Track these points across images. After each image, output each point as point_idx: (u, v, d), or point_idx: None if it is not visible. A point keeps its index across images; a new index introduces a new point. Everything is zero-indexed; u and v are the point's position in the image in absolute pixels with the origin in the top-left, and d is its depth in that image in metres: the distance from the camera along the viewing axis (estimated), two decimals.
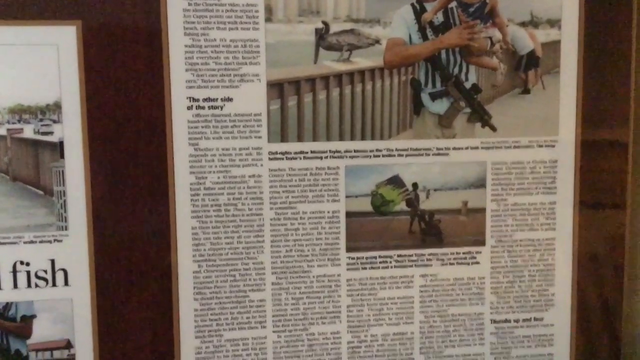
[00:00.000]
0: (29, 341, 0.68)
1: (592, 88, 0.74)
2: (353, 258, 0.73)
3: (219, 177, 0.69)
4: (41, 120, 0.66)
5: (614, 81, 0.74)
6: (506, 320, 0.76)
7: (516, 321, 0.76)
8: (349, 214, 0.72)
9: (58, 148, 0.66)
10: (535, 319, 0.76)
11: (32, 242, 0.67)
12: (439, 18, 0.71)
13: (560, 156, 0.75)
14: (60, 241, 0.67)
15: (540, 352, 0.77)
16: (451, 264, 0.75)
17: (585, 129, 0.74)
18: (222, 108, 0.69)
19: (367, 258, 0.73)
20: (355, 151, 0.72)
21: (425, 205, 0.74)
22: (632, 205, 0.76)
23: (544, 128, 0.74)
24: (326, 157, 0.71)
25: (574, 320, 0.77)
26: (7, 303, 0.67)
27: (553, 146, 0.75)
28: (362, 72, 0.71)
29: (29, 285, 0.67)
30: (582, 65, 0.73)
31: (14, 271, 0.67)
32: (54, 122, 0.66)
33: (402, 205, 0.73)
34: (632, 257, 0.78)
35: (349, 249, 0.73)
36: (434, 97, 0.72)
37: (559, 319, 0.77)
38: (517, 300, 0.76)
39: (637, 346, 0.80)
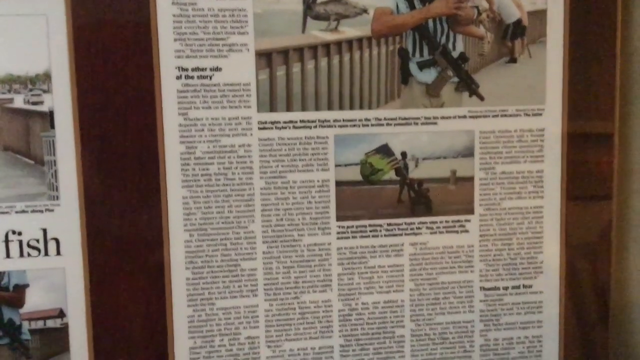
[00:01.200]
0: (21, 310, 0.68)
1: (578, 56, 0.74)
2: (343, 227, 0.74)
3: (209, 147, 0.70)
4: (31, 90, 0.66)
5: (599, 49, 0.75)
6: (495, 288, 0.77)
7: (505, 288, 0.77)
8: (338, 183, 0.73)
9: (48, 118, 0.67)
10: (524, 286, 0.77)
11: (23, 211, 0.67)
12: None
13: (547, 124, 0.75)
14: (51, 211, 0.68)
15: (529, 319, 0.78)
16: (440, 232, 0.75)
17: (572, 97, 0.75)
18: (211, 78, 0.69)
19: (357, 227, 0.74)
20: (344, 120, 0.72)
21: (414, 174, 0.74)
22: (619, 170, 0.77)
23: (531, 97, 0.75)
24: (315, 127, 0.72)
25: (563, 287, 0.78)
26: (0, 272, 0.68)
27: (540, 114, 0.75)
28: (350, 42, 0.72)
29: (22, 255, 0.68)
30: (567, 33, 0.74)
31: (7, 241, 0.67)
32: (44, 92, 0.66)
33: (391, 174, 0.74)
34: (620, 224, 0.79)
35: (339, 218, 0.73)
36: (421, 66, 0.73)
37: (548, 286, 0.78)
38: (506, 267, 0.77)
39: (625, 312, 0.81)
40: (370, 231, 0.74)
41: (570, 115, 0.75)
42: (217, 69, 0.69)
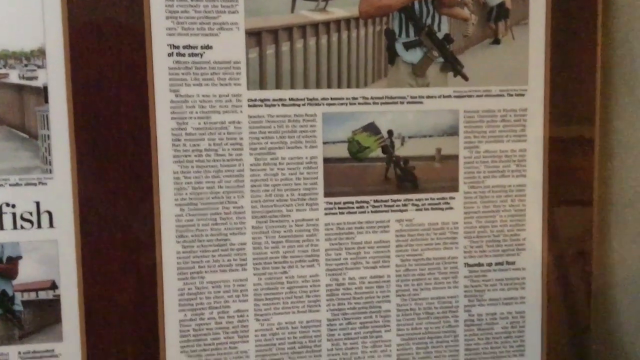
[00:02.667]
0: (14, 282, 0.70)
1: (560, 38, 0.77)
2: (331, 203, 0.75)
3: (199, 123, 0.72)
4: (26, 65, 0.68)
5: (581, 31, 0.77)
6: (479, 264, 0.79)
7: (489, 265, 0.79)
8: (326, 160, 0.75)
9: (42, 93, 0.68)
10: (507, 263, 0.79)
11: (17, 184, 0.69)
12: None
13: (529, 105, 0.77)
14: (45, 184, 0.69)
15: (512, 295, 0.80)
16: (426, 209, 0.77)
17: (554, 77, 0.77)
18: (201, 55, 0.71)
19: (344, 203, 0.76)
20: (332, 99, 0.74)
21: (400, 152, 0.76)
22: (601, 148, 0.79)
23: (514, 77, 0.77)
24: (304, 105, 0.74)
25: (545, 264, 0.79)
26: None
27: (523, 95, 0.77)
28: (338, 22, 0.74)
29: (15, 227, 0.69)
30: (550, 16, 0.76)
31: (0, 213, 0.69)
32: (39, 67, 0.68)
33: (377, 152, 0.76)
34: (602, 200, 0.81)
35: (326, 194, 0.75)
36: (407, 46, 0.75)
37: (530, 262, 0.79)
38: (489, 244, 0.79)
39: (608, 290, 0.83)
40: (357, 207, 0.76)
41: (552, 95, 0.77)
42: (208, 47, 0.71)
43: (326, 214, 0.75)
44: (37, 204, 0.69)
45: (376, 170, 0.76)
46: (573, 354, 0.81)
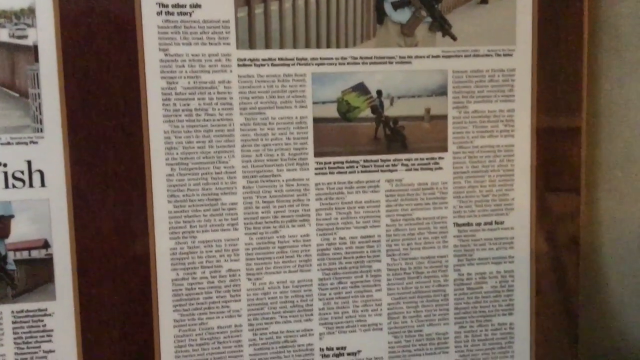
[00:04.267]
0: (7, 240, 0.70)
1: None
2: (321, 163, 0.76)
3: (189, 83, 0.72)
4: (16, 24, 0.68)
5: None
6: (468, 224, 0.80)
7: (478, 224, 0.80)
8: (316, 120, 0.75)
9: (33, 51, 0.69)
10: (496, 223, 0.80)
11: (8, 143, 0.69)
12: None
13: (517, 65, 0.78)
14: (36, 143, 0.70)
15: (501, 255, 0.80)
16: (415, 169, 0.78)
17: (541, 37, 0.78)
18: (190, 14, 0.71)
19: (334, 163, 0.76)
20: (321, 59, 0.74)
21: (389, 112, 0.77)
22: (588, 106, 0.79)
23: (502, 37, 0.78)
24: (293, 64, 0.74)
25: (533, 223, 0.80)
26: None
27: (511, 55, 0.78)
28: None
29: (7, 186, 0.69)
30: None
31: None
32: (28, 26, 0.68)
33: (367, 112, 0.76)
34: (589, 165, 0.82)
35: (317, 154, 0.76)
36: (396, 6, 0.75)
37: (519, 222, 0.80)
38: (478, 204, 0.79)
39: (596, 248, 0.84)
40: (347, 167, 0.77)
41: (539, 55, 0.78)
42: (197, 6, 0.71)
43: (316, 173, 0.76)
44: (29, 162, 0.70)
45: (366, 130, 0.77)
46: (561, 312, 0.82)
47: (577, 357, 0.82)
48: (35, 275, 0.71)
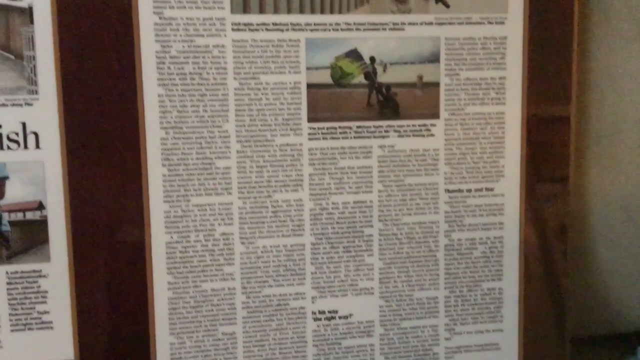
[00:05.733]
0: (2, 202, 0.71)
1: None
2: (314, 128, 0.77)
3: (183, 47, 0.72)
4: None
5: None
6: (459, 190, 0.81)
7: (468, 191, 0.81)
8: (309, 86, 0.76)
9: (28, 13, 0.69)
10: (487, 189, 0.81)
11: (3, 105, 0.69)
12: None
13: (509, 33, 0.79)
14: (30, 105, 0.70)
15: (491, 221, 0.82)
16: (407, 135, 0.79)
17: (533, 5, 0.78)
18: None
19: (327, 128, 0.77)
20: (315, 24, 0.75)
21: (382, 78, 0.77)
22: (579, 75, 0.80)
23: (494, 5, 0.78)
24: (287, 30, 0.74)
25: (523, 190, 0.81)
26: None
27: (503, 23, 0.79)
28: None
29: (1, 148, 0.70)
30: None
31: None
32: None
33: (360, 78, 0.77)
34: (579, 131, 0.83)
35: (310, 120, 0.76)
36: None
37: (509, 189, 0.81)
38: (469, 171, 0.80)
39: (584, 216, 0.86)
40: (340, 133, 0.77)
41: (531, 23, 0.79)
42: None
43: (310, 139, 0.77)
44: (23, 124, 0.70)
45: (359, 96, 0.77)
46: (550, 278, 0.84)
47: (566, 321, 0.84)
48: (29, 236, 0.72)
